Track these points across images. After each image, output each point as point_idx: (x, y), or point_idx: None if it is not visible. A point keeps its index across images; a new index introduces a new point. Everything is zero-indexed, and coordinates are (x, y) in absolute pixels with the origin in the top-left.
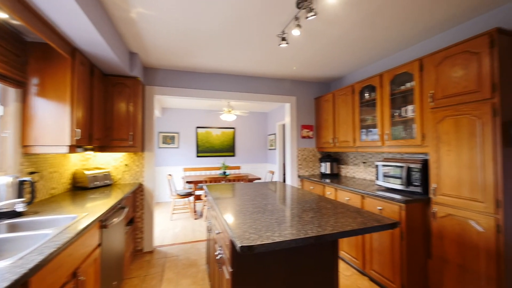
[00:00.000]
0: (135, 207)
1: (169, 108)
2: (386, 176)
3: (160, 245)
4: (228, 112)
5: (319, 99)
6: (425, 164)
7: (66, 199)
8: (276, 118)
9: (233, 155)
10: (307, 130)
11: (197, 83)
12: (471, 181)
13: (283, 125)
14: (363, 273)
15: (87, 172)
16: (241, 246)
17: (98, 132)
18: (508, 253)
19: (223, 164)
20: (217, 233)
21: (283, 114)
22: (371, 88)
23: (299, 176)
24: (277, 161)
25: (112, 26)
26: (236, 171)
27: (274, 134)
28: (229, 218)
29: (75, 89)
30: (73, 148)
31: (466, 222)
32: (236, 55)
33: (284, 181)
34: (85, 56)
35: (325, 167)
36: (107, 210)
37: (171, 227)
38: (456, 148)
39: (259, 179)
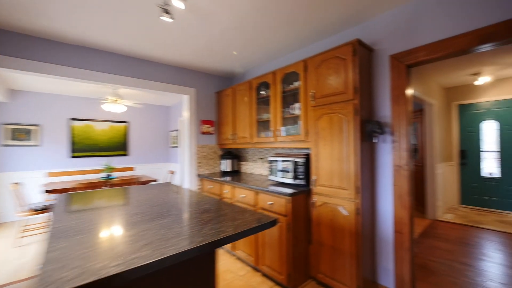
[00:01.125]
0: None
1: (23, 91)
2: (278, 170)
3: None
4: (115, 101)
5: (220, 93)
6: (308, 158)
7: None
8: (180, 113)
9: (126, 155)
10: (208, 126)
11: (59, 57)
12: (340, 172)
13: None
14: (257, 269)
15: None
16: None
17: None
18: (363, 231)
19: (107, 165)
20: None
21: None
22: (266, 85)
23: (198, 175)
24: (180, 160)
25: None
26: (128, 173)
27: (177, 130)
28: (57, 243)
29: None
30: None
31: (336, 208)
32: (110, 25)
33: None
34: None
35: (226, 165)
36: None
37: (14, 257)
38: (330, 143)
39: (155, 181)
